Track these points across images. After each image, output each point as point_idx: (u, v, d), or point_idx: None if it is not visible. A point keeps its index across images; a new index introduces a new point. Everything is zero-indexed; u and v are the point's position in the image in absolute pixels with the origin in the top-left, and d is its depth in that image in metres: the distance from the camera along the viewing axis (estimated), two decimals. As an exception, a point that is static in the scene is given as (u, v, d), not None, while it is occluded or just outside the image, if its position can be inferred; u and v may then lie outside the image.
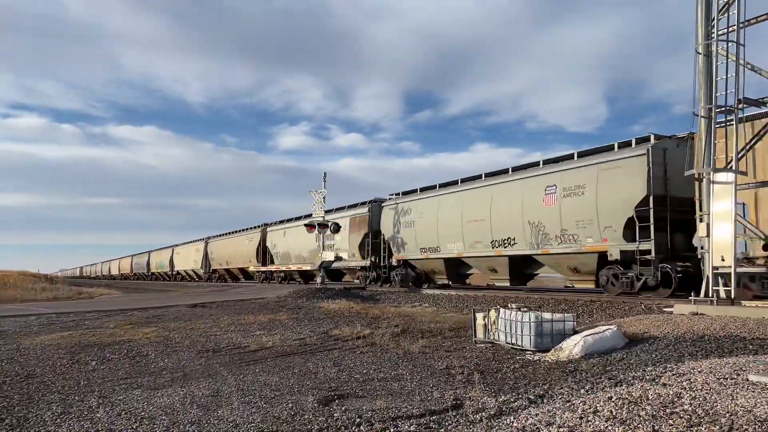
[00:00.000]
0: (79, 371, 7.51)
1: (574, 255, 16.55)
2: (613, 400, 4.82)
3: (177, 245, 59.20)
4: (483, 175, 21.13)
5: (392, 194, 26.40)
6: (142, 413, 5.26)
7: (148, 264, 66.03)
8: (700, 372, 5.75)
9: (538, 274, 19.59)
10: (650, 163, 14.11)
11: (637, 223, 14.23)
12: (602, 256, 15.69)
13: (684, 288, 13.66)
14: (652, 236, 13.93)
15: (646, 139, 14.96)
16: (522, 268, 19.29)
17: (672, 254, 14.53)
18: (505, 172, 19.91)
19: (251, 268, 40.96)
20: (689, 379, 5.41)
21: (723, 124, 11.35)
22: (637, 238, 14.24)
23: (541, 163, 18.46)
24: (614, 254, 14.96)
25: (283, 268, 35.93)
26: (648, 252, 14.07)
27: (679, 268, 14.01)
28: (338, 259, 27.61)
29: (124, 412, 5.31)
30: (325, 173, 27.39)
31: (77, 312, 16.52)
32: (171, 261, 59.76)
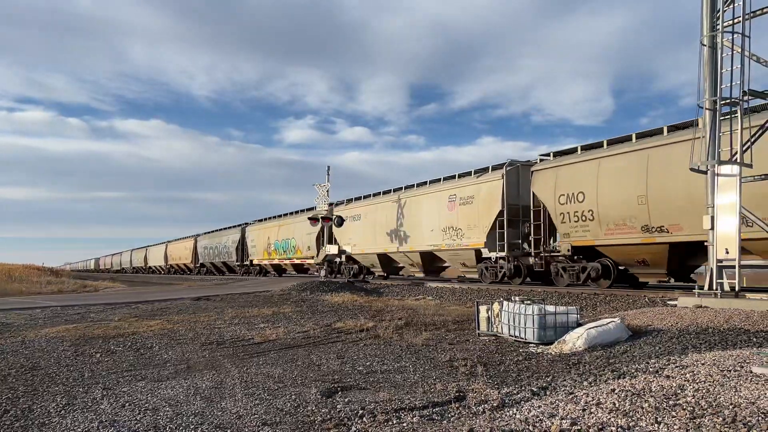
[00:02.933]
0: (84, 363, 7.54)
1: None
2: (616, 392, 4.81)
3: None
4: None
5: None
6: (146, 405, 5.28)
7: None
8: (703, 364, 5.73)
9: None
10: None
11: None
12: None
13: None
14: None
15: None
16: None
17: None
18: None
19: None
20: (692, 372, 5.40)
21: (728, 116, 11.28)
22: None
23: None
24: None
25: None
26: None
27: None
28: (342, 252, 27.69)
29: (128, 404, 5.33)
30: (329, 167, 27.57)
31: (82, 305, 16.59)
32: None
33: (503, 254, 19.50)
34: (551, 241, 18.67)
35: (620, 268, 16.63)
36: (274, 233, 38.41)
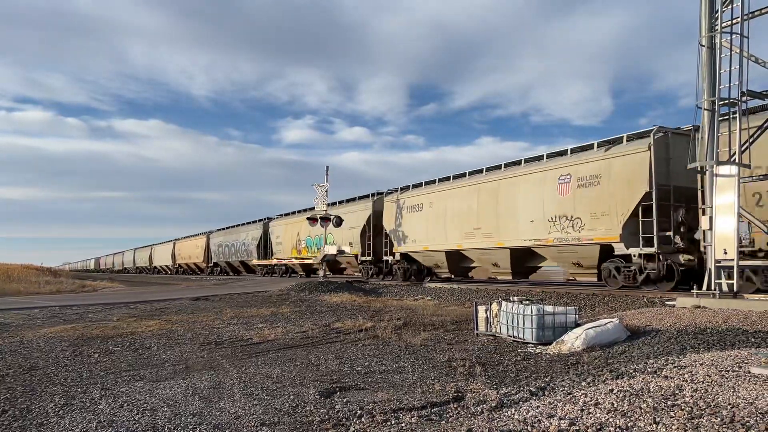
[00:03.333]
0: (82, 363, 7.53)
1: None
2: (614, 392, 4.81)
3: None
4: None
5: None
6: (145, 405, 5.28)
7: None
8: (701, 365, 5.74)
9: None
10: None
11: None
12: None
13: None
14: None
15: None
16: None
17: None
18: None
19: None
20: (691, 372, 5.41)
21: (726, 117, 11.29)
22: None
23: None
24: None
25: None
26: None
27: None
28: (340, 252, 27.60)
29: (126, 404, 5.32)
30: (327, 167, 27.53)
31: (80, 305, 16.57)
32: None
33: (652, 250, 14.60)
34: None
35: None
36: (306, 228, 32.26)
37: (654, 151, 14.48)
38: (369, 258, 27.84)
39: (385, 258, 26.86)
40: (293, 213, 36.81)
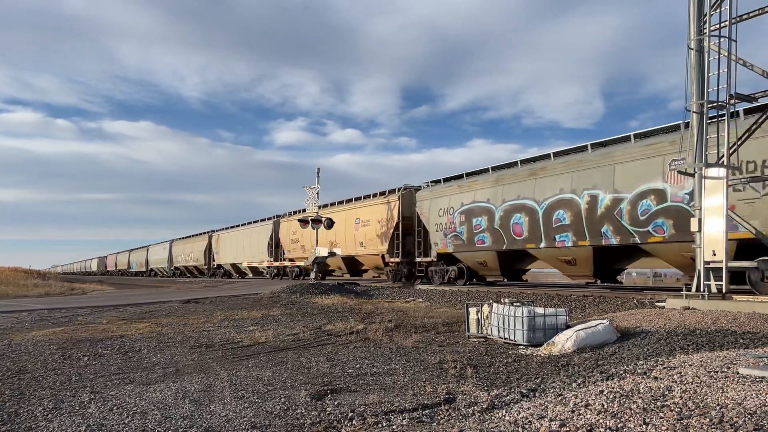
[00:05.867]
0: (71, 367, 7.47)
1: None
2: (604, 393, 4.83)
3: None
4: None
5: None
6: (135, 408, 5.25)
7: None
8: (691, 365, 5.78)
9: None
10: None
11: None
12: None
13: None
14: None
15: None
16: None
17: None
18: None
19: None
20: (680, 373, 5.44)
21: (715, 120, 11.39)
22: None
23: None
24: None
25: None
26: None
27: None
28: (332, 254, 27.55)
29: (116, 407, 5.29)
30: (318, 168, 27.57)
31: (69, 308, 16.44)
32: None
33: None
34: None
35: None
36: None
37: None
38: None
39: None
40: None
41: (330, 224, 27.07)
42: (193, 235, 54.28)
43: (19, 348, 9.09)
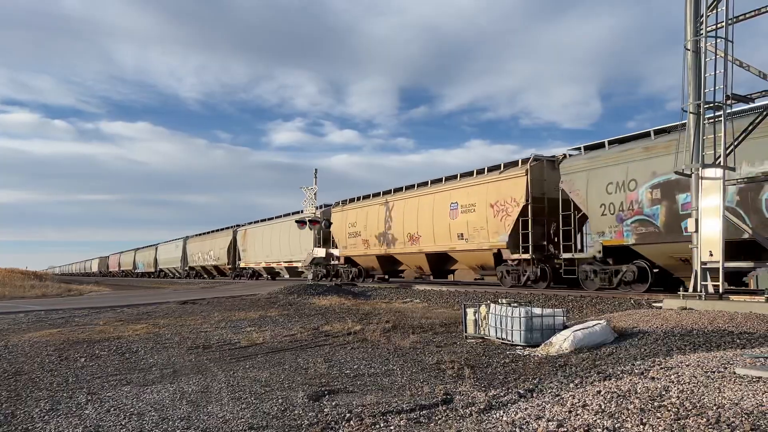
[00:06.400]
0: (68, 368, 7.46)
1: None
2: (602, 393, 4.84)
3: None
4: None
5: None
6: (131, 409, 5.24)
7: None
8: (687, 366, 5.79)
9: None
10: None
11: None
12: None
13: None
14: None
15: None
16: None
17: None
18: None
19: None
20: (677, 373, 5.45)
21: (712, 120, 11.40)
22: None
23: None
24: None
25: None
26: None
27: None
28: (330, 255, 27.52)
29: (113, 409, 5.28)
30: (316, 169, 27.45)
31: (66, 309, 16.42)
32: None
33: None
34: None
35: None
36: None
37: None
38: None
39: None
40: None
41: (328, 225, 27.03)
42: (212, 231, 47.83)
43: (16, 349, 9.07)
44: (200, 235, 50.47)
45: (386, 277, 26.43)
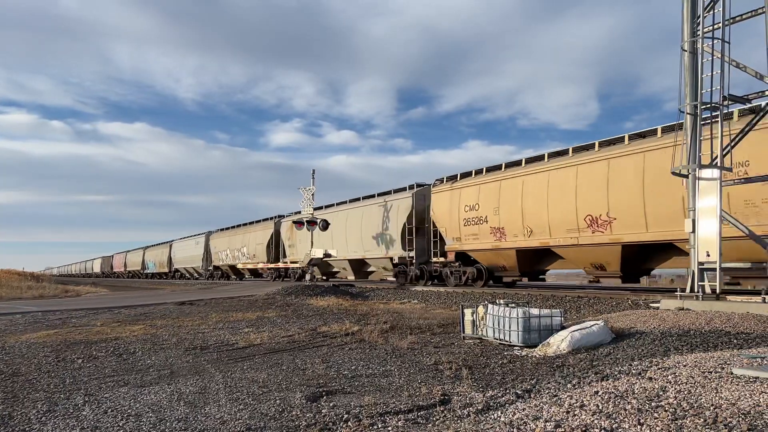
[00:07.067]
0: (65, 369, 7.44)
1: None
2: (599, 394, 4.84)
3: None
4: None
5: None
6: (129, 411, 5.23)
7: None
8: (685, 366, 5.79)
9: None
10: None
11: None
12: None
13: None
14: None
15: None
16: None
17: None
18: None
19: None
20: (674, 373, 5.45)
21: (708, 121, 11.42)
22: None
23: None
24: None
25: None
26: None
27: None
28: (327, 255, 27.44)
29: (110, 410, 5.27)
30: (313, 170, 27.31)
31: (63, 310, 16.38)
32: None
33: None
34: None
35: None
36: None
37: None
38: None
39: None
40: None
41: (325, 226, 26.94)
42: (249, 223, 39.88)
43: (13, 350, 9.04)
44: (228, 229, 43.32)
45: (522, 279, 20.41)
